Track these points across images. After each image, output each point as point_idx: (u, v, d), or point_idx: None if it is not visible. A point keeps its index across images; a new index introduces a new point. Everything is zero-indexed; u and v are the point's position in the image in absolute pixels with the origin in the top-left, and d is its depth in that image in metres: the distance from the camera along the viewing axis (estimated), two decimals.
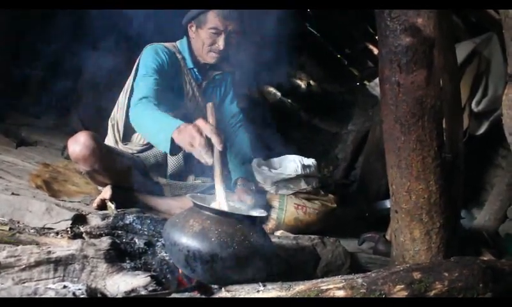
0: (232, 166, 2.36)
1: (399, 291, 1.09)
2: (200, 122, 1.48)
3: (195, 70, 2.34)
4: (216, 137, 1.43)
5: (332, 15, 4.73)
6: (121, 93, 2.35)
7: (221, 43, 2.21)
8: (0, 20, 3.82)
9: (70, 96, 4.55)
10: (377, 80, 3.22)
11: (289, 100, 5.42)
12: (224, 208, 1.41)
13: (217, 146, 1.43)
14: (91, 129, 2.30)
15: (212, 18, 2.18)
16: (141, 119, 1.93)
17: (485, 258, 1.61)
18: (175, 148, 1.61)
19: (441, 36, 1.29)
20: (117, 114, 2.35)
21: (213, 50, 2.24)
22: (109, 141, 2.36)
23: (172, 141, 1.58)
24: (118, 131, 2.34)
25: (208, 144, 1.43)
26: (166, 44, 2.31)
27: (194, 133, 1.45)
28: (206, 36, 2.22)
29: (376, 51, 4.67)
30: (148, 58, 2.18)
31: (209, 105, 1.62)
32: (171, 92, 2.20)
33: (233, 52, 2.28)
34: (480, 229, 2.59)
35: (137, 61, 2.25)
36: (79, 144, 1.98)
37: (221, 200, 1.44)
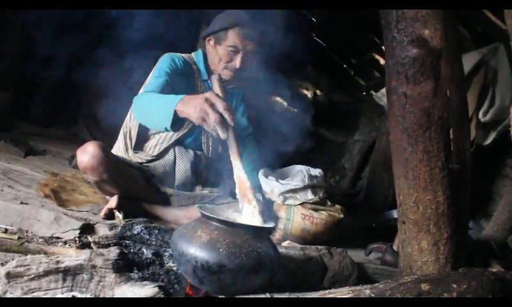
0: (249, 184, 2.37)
1: None
2: (211, 96, 1.47)
3: (209, 82, 2.36)
4: (229, 113, 1.45)
5: (339, 25, 4.75)
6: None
7: (238, 61, 2.23)
8: (10, 30, 3.87)
9: (79, 106, 4.59)
10: (383, 90, 3.22)
11: (295, 110, 5.43)
12: (245, 181, 1.43)
13: (230, 122, 1.45)
14: (99, 139, 2.32)
15: (233, 36, 2.20)
16: (143, 104, 1.91)
17: (494, 270, 1.60)
18: (177, 123, 1.60)
19: (448, 47, 1.29)
20: (130, 123, 2.36)
21: (229, 68, 2.26)
22: (119, 148, 2.38)
23: (175, 114, 1.57)
24: (130, 138, 2.35)
25: (223, 120, 1.44)
26: (183, 54, 2.33)
27: (207, 108, 1.44)
28: (224, 53, 2.24)
29: (382, 61, 4.68)
30: (164, 63, 2.21)
31: (215, 77, 1.62)
32: None
33: (246, 67, 2.30)
34: (488, 240, 2.57)
35: (153, 69, 2.27)
36: (87, 154, 2.00)
37: (240, 174, 1.45)
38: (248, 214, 1.45)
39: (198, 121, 1.48)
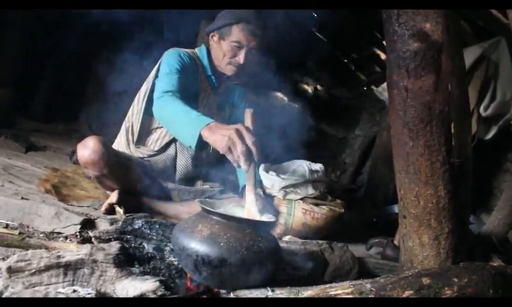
0: (240, 172, 2.37)
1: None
2: (242, 128, 1.48)
3: (213, 77, 2.35)
4: (257, 149, 1.45)
5: (339, 20, 4.74)
6: (137, 96, 2.36)
7: (241, 57, 2.23)
8: (11, 27, 3.86)
9: (79, 101, 4.59)
10: (384, 85, 3.22)
11: (296, 105, 5.42)
12: (256, 217, 1.43)
13: (256, 158, 1.46)
14: (100, 134, 2.32)
15: (237, 32, 2.20)
16: (167, 111, 1.92)
17: (494, 264, 1.61)
18: (199, 144, 1.61)
19: (449, 41, 1.29)
20: (132, 117, 2.36)
21: (233, 63, 2.26)
22: (121, 142, 2.38)
23: (199, 136, 1.58)
24: (133, 133, 2.35)
25: (248, 153, 1.44)
26: (187, 50, 2.33)
27: (236, 138, 1.44)
28: (228, 48, 2.24)
29: (383, 56, 4.67)
30: (172, 59, 2.20)
31: (249, 111, 1.62)
32: (189, 96, 2.22)
33: (250, 63, 2.29)
34: (489, 235, 2.57)
35: (158, 64, 2.26)
36: (87, 149, 2.00)
37: (252, 209, 1.46)
38: None
39: (223, 150, 1.48)
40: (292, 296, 1.16)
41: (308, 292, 1.15)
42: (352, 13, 4.44)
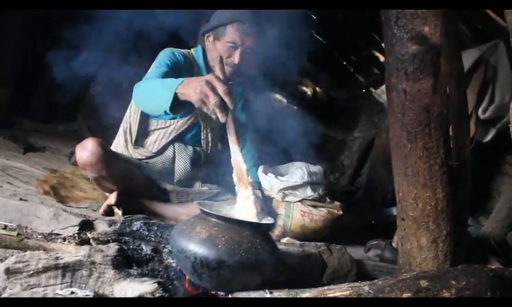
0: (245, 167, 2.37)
1: None
2: (212, 79, 1.47)
3: None
4: (229, 97, 1.44)
5: (338, 22, 4.74)
6: None
7: (236, 57, 2.23)
8: (11, 26, 3.86)
9: (78, 102, 4.58)
10: (383, 87, 3.22)
11: (294, 107, 5.42)
12: (242, 165, 1.44)
13: (230, 106, 1.45)
14: (99, 135, 2.32)
15: (231, 32, 2.20)
16: (143, 89, 1.91)
17: (493, 266, 1.61)
18: (178, 107, 1.60)
19: (447, 43, 1.29)
20: (130, 118, 2.36)
21: (228, 64, 2.25)
22: (119, 144, 2.38)
23: (176, 97, 1.56)
24: (131, 134, 2.35)
25: (223, 103, 1.44)
26: (182, 50, 2.33)
27: (208, 90, 1.44)
28: (223, 48, 2.24)
29: (381, 58, 4.67)
30: (164, 56, 2.22)
31: (217, 59, 1.62)
32: None
33: (245, 63, 2.29)
34: (487, 237, 2.57)
35: (153, 64, 2.27)
36: (86, 150, 2.00)
37: (237, 158, 1.46)
38: (243, 198, 1.45)
39: (197, 104, 1.47)
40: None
41: (306, 294, 1.15)
42: (351, 14, 4.45)
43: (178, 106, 1.60)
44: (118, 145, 2.38)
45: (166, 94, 1.61)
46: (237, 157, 1.47)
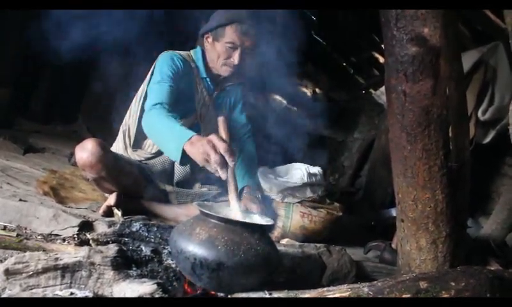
0: (238, 175, 2.37)
1: None
2: (213, 139, 1.52)
3: (208, 79, 2.35)
4: (230, 155, 1.49)
5: (338, 23, 4.75)
6: (134, 99, 2.37)
7: (236, 57, 2.23)
8: (10, 26, 3.86)
9: (78, 103, 4.58)
10: (383, 88, 3.23)
11: (295, 108, 5.43)
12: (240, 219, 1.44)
13: (230, 164, 1.51)
14: (98, 136, 2.32)
15: (230, 32, 2.20)
16: (153, 126, 1.98)
17: (492, 268, 1.61)
18: (184, 158, 1.67)
19: (447, 45, 1.29)
20: (129, 120, 2.37)
21: (228, 64, 2.26)
22: (118, 146, 2.38)
23: (183, 151, 1.64)
24: (129, 137, 2.35)
25: (223, 161, 1.49)
26: (181, 52, 2.33)
27: (209, 149, 1.50)
28: (222, 49, 2.24)
29: (381, 59, 4.67)
30: (164, 65, 2.20)
31: (221, 119, 1.66)
32: (184, 99, 2.22)
33: (245, 64, 2.30)
34: (487, 239, 2.58)
35: (152, 68, 2.27)
36: (86, 151, 2.00)
37: (237, 214, 1.48)
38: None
39: (201, 163, 1.56)
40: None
41: (305, 295, 1.15)
42: (351, 15, 4.45)
43: (186, 158, 1.67)
44: (118, 148, 2.38)
45: (174, 147, 1.70)
46: (237, 212, 1.49)
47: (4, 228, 1.67)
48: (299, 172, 2.42)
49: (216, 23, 2.24)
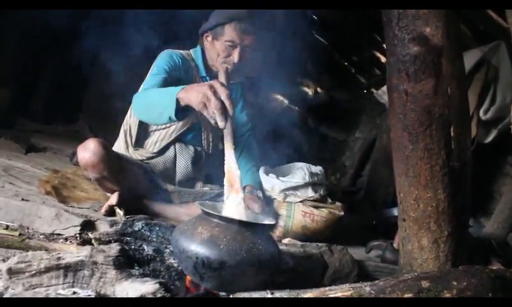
0: (241, 173, 2.37)
1: None
2: (215, 83, 1.50)
3: (207, 78, 2.35)
4: (230, 102, 1.46)
5: (339, 23, 4.74)
6: None
7: (235, 56, 2.23)
8: (12, 27, 3.86)
9: (80, 103, 4.59)
10: (384, 88, 3.22)
11: (296, 108, 5.43)
12: (235, 171, 1.44)
13: (230, 112, 1.47)
14: (100, 136, 2.32)
15: (230, 31, 2.20)
16: (142, 100, 1.94)
17: (494, 267, 1.61)
18: (180, 113, 1.63)
19: (449, 44, 1.29)
20: (130, 120, 2.37)
21: (227, 62, 2.26)
22: (120, 146, 2.38)
23: (177, 103, 1.60)
24: (131, 136, 2.35)
25: (223, 107, 1.46)
26: (181, 51, 2.33)
27: (209, 94, 1.47)
28: (221, 48, 2.24)
29: (383, 59, 4.67)
30: (162, 60, 2.22)
31: (223, 67, 1.63)
32: None
33: (245, 62, 2.30)
34: (488, 238, 2.57)
35: (152, 66, 2.28)
36: (88, 150, 2.00)
37: (231, 163, 1.47)
38: (232, 204, 1.45)
39: (198, 106, 1.50)
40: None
41: (307, 295, 1.15)
42: (352, 15, 4.45)
43: (182, 112, 1.63)
44: (119, 147, 2.38)
45: (167, 101, 1.64)
46: (231, 163, 1.48)
47: (7, 228, 1.67)
48: (300, 171, 2.42)
49: (215, 22, 2.25)
